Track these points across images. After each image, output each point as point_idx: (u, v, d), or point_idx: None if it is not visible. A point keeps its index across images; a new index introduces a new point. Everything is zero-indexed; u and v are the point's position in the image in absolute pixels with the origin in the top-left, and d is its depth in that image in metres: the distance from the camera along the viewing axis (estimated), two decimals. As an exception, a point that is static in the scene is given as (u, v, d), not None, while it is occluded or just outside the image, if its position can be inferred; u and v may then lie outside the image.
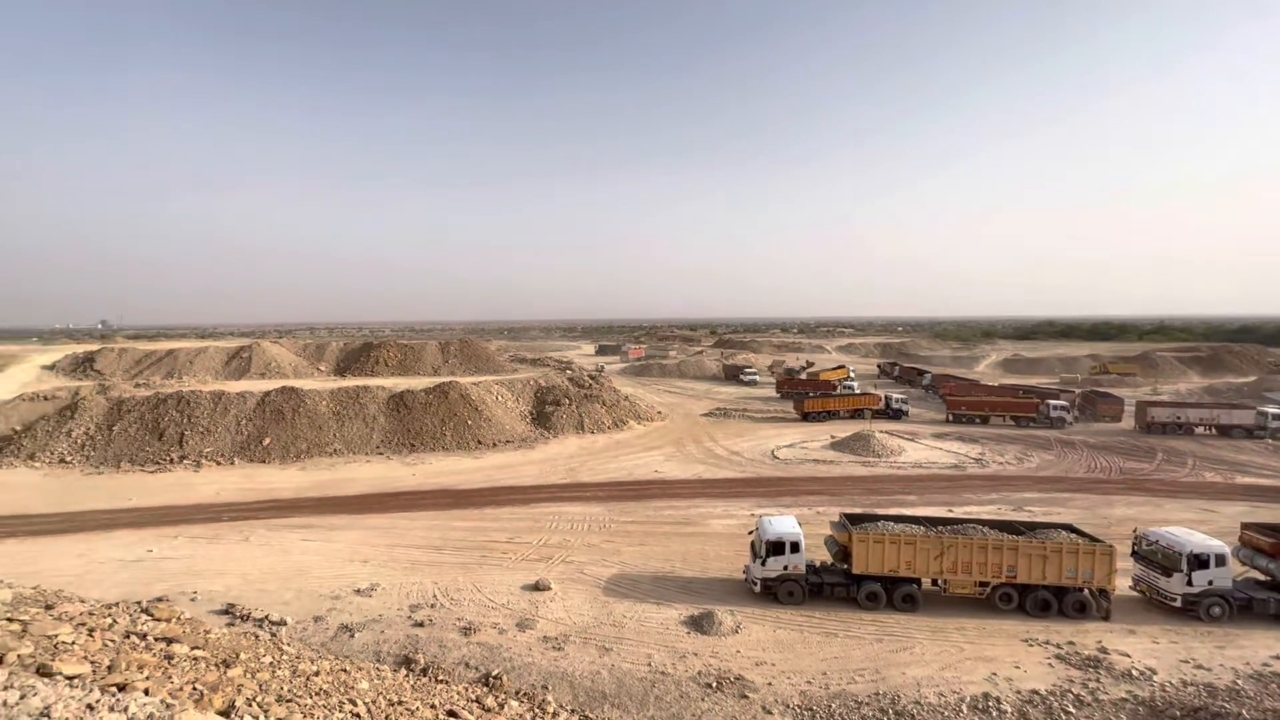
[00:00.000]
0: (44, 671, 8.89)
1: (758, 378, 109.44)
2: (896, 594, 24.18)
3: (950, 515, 32.97)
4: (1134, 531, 26.68)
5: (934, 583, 24.85)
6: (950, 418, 70.44)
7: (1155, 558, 24.66)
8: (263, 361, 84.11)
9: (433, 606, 23.77)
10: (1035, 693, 18.53)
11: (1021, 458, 52.87)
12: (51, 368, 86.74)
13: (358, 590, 25.07)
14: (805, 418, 71.96)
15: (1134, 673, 19.60)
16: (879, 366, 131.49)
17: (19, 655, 9.28)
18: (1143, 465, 50.32)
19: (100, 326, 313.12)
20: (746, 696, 18.27)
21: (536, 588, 25.49)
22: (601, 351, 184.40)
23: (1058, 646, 21.28)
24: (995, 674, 19.52)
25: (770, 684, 18.91)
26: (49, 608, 13.06)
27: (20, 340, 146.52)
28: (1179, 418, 62.61)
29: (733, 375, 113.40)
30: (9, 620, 10.96)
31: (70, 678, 8.61)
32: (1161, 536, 24.93)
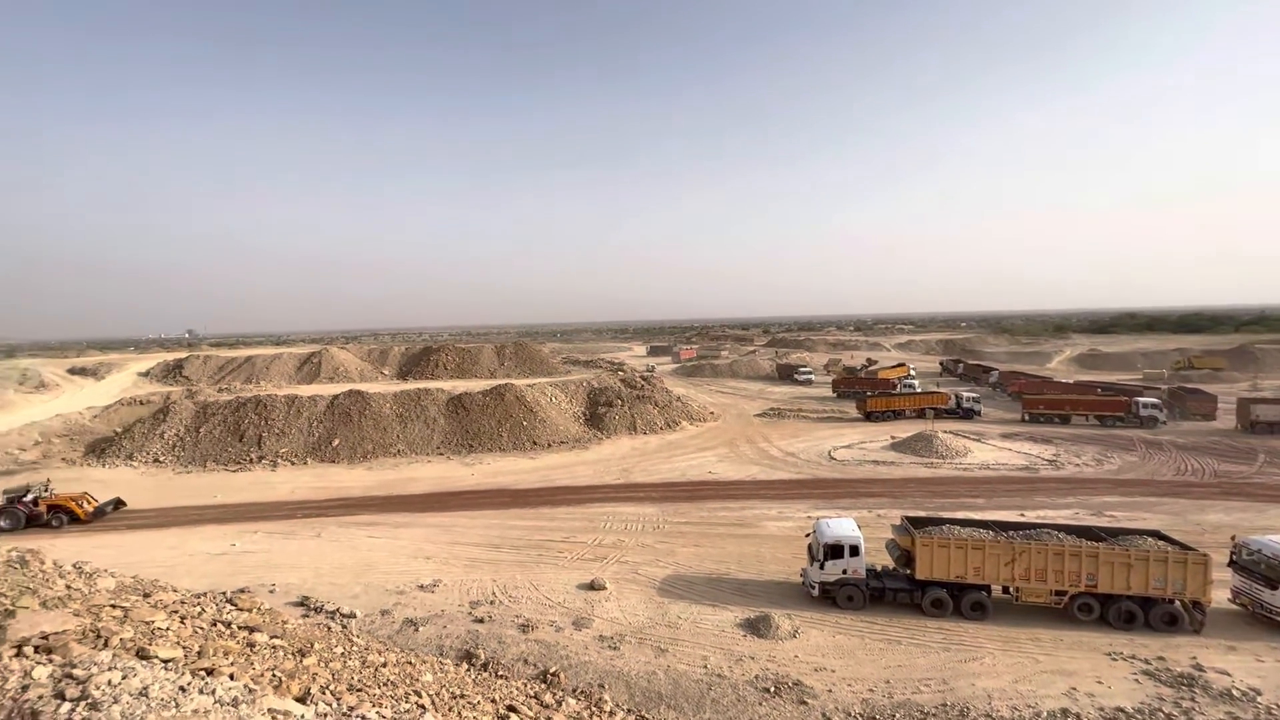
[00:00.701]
0: (142, 654, 9.63)
1: (813, 377, 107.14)
2: (964, 601, 23.10)
3: (1022, 520, 31.25)
4: (1232, 539, 24.60)
5: (1005, 590, 23.60)
6: (1026, 417, 66.27)
7: (1258, 568, 22.60)
8: (331, 366, 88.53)
9: (492, 603, 24.36)
10: (1120, 710, 17.31)
11: (1101, 459, 49.62)
12: (146, 374, 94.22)
13: (421, 586, 25.98)
14: (868, 417, 69.65)
15: (1235, 693, 18.03)
16: (941, 364, 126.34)
17: (121, 639, 10.08)
18: (1241, 468, 46.32)
19: (187, 335, 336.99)
20: (805, 703, 17.86)
21: (592, 587, 25.74)
22: (653, 352, 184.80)
23: (1145, 662, 19.83)
24: (1075, 689, 18.35)
25: (830, 690, 18.43)
26: (146, 596, 14.14)
27: (119, 349, 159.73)
28: None
29: (787, 375, 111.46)
30: (112, 606, 11.94)
31: (165, 661, 9.29)
32: (1265, 545, 22.85)
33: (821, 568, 24.11)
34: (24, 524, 36.07)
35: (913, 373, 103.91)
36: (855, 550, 24.03)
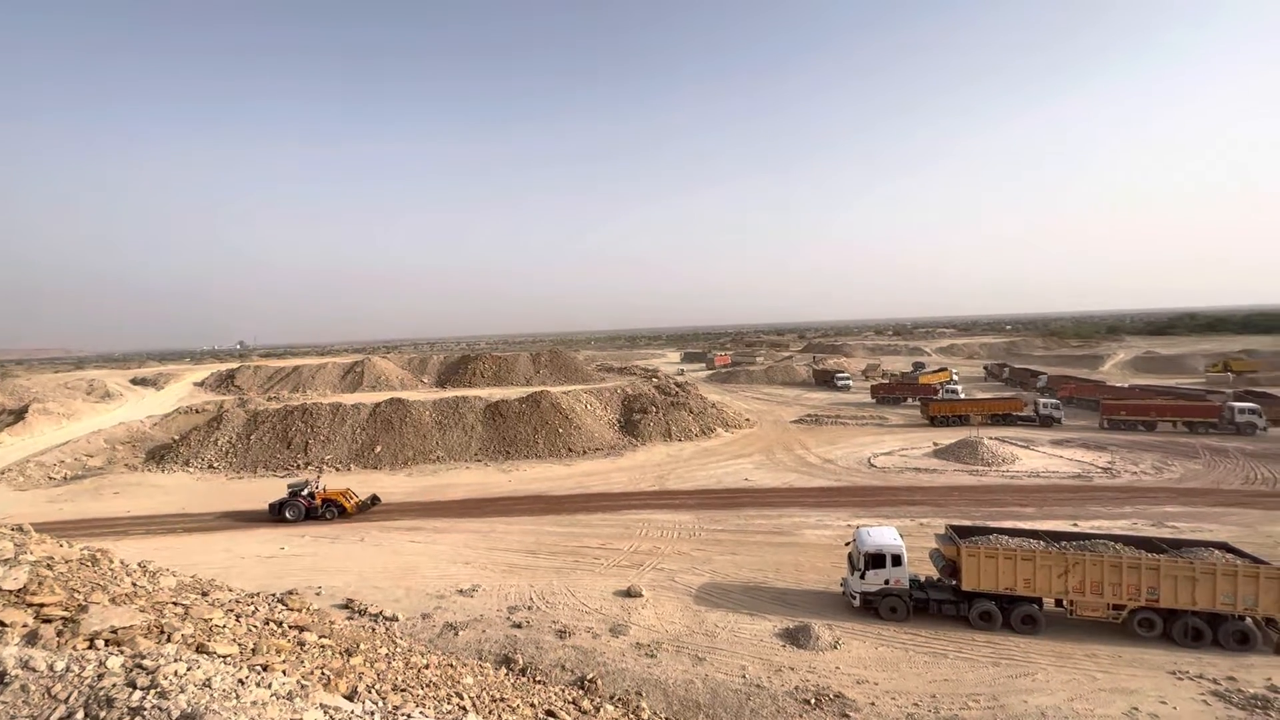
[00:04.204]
0: (202, 649, 10.09)
1: (851, 383, 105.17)
2: (1014, 614, 22.25)
3: (1075, 530, 29.98)
4: (1309, 553, 23.10)
5: (1058, 603, 22.68)
6: (1105, 424, 62.79)
7: (1339, 584, 21.16)
8: (373, 375, 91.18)
9: (529, 609, 24.57)
10: (1187, 732, 16.40)
11: (1160, 467, 47.19)
12: (201, 384, 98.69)
13: (460, 590, 26.39)
14: (933, 422, 67.88)
15: (1315, 717, 16.87)
16: (986, 368, 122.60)
17: (183, 634, 10.58)
18: (1317, 476, 43.46)
19: (238, 347, 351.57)
20: (847, 716, 17.43)
21: (628, 594, 25.72)
22: (687, 359, 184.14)
23: (1214, 682, 18.71)
24: (1136, 708, 17.44)
25: (873, 704, 17.95)
26: (204, 594, 14.78)
27: (176, 360, 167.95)
28: None
29: (824, 380, 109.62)
30: (174, 604, 12.53)
31: (223, 656, 9.71)
32: (1346, 559, 21.36)
33: (862, 577, 23.56)
34: (304, 515, 39.20)
35: (955, 377, 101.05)
36: (898, 560, 23.43)
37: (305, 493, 39.84)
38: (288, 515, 39.19)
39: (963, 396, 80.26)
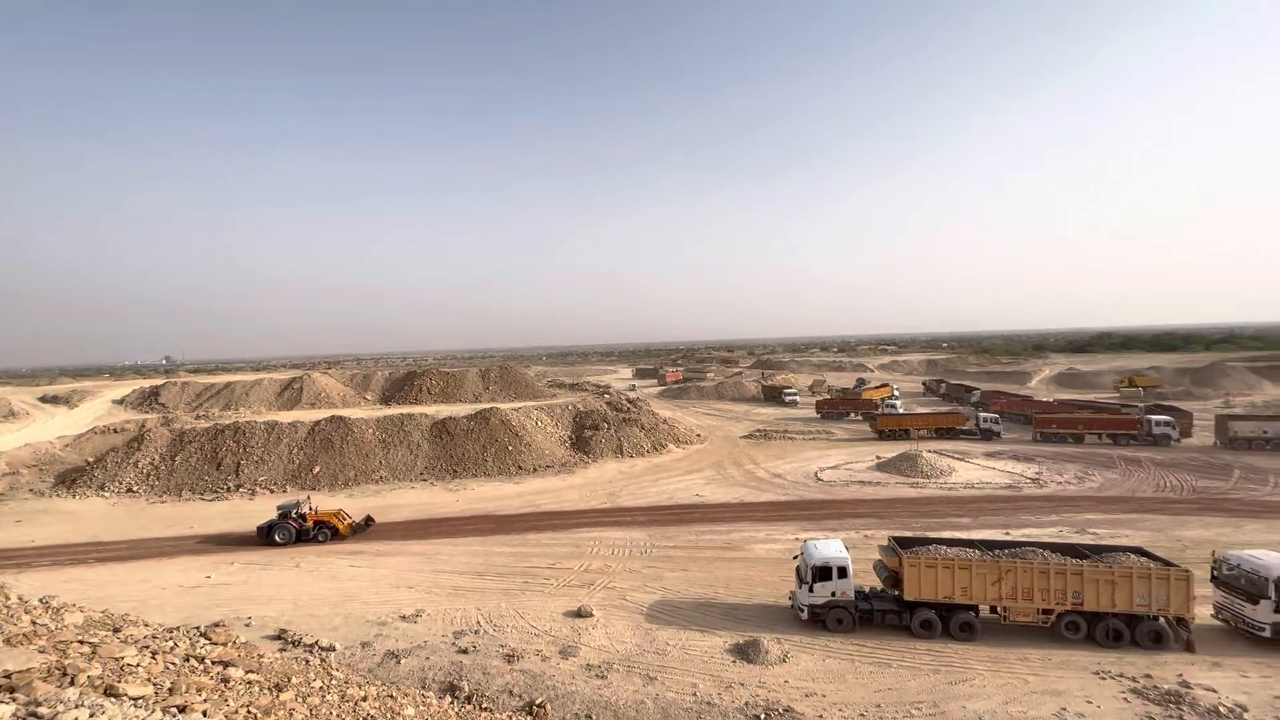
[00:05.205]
0: (111, 692, 9.26)
1: (798, 398, 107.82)
2: (953, 622, 23.07)
3: (1007, 538, 31.42)
4: (1212, 555, 24.92)
5: (993, 610, 23.62)
6: (1038, 437, 66.82)
7: (1238, 583, 22.90)
8: (313, 392, 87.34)
9: (476, 633, 23.83)
10: (1111, 730, 17.27)
11: (1082, 477, 50.21)
12: (121, 402, 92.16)
13: (403, 616, 25.36)
14: (881, 435, 70.43)
15: (1221, 710, 18.08)
16: (924, 384, 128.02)
17: (89, 676, 9.70)
18: (1218, 483, 47.14)
19: (164, 362, 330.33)
20: (797, 729, 17.59)
21: (578, 614, 25.31)
22: (639, 375, 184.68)
23: (1133, 680, 19.85)
24: (1065, 709, 18.29)
25: (821, 716, 18.17)
26: (116, 631, 13.65)
27: (93, 376, 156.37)
28: (1265, 432, 58.38)
29: (773, 396, 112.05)
30: (80, 642, 11.50)
31: (135, 698, 8.95)
32: (1244, 560, 23.16)
33: (810, 590, 23.97)
34: (294, 538, 37.20)
35: (896, 393, 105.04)
36: (843, 572, 23.95)
37: (296, 514, 37.92)
38: (277, 539, 37.20)
39: (901, 411, 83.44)
